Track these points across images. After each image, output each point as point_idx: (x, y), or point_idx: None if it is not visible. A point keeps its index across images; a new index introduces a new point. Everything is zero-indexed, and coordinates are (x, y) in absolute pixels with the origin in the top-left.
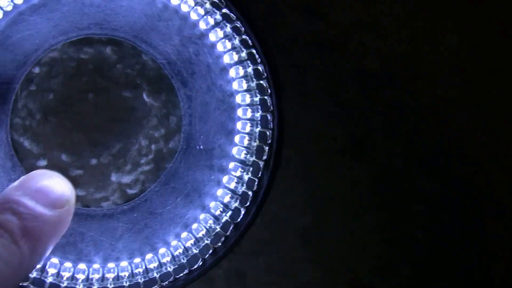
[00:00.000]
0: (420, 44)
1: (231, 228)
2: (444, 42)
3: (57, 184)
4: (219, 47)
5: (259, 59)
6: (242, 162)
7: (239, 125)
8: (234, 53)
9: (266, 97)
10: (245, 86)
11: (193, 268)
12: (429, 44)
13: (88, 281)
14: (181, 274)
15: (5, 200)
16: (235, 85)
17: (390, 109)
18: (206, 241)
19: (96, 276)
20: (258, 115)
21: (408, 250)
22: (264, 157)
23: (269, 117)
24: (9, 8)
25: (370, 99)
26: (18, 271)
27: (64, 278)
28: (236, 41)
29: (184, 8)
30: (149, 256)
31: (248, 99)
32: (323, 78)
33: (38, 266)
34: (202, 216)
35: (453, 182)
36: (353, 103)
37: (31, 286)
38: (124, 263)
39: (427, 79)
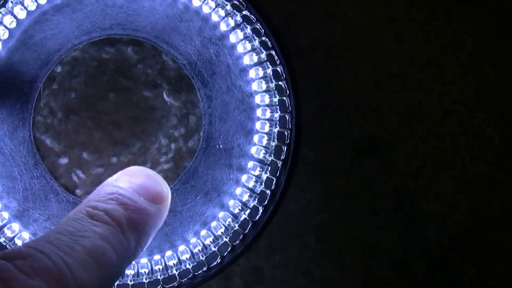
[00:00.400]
0: (437, 47)
1: (249, 226)
2: (460, 45)
3: (156, 181)
4: (239, 48)
5: (278, 61)
6: (261, 162)
7: (258, 125)
8: (254, 54)
9: (284, 98)
10: (264, 87)
11: (211, 266)
12: (445, 47)
13: None
14: (200, 271)
15: (110, 191)
16: (254, 86)
17: (407, 110)
18: (224, 239)
19: None
20: (276, 115)
21: (422, 247)
22: (282, 157)
23: (287, 118)
24: (33, 8)
25: (387, 100)
26: (125, 260)
27: None
28: (256, 43)
29: (205, 9)
30: (168, 253)
31: (267, 100)
32: (341, 80)
33: None
34: (221, 214)
35: (468, 182)
36: (370, 104)
37: None
38: (143, 260)
39: (444, 81)
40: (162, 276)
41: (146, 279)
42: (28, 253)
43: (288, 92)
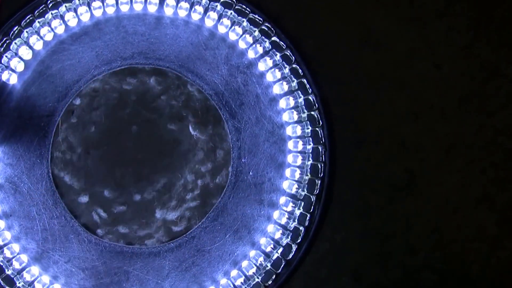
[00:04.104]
0: (478, 74)
1: (282, 265)
2: (503, 72)
3: None
4: (269, 77)
5: (310, 89)
6: (293, 197)
7: (290, 158)
8: (284, 83)
9: (317, 129)
10: (295, 117)
11: None
12: (487, 74)
13: None
14: None
15: None
16: (285, 116)
17: (447, 142)
18: (256, 279)
19: None
20: (309, 147)
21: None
22: (316, 192)
23: (320, 149)
24: (50, 37)
25: (426, 133)
26: None
27: None
28: (286, 70)
29: (232, 36)
30: None
31: (299, 131)
32: (377, 111)
33: None
34: (252, 253)
35: (509, 216)
36: (408, 137)
37: None
38: None
39: (485, 111)
40: None
41: None
42: None
43: (321, 122)
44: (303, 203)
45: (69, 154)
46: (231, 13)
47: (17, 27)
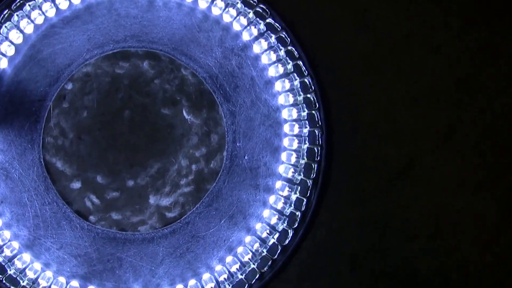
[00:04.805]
0: (477, 57)
1: (278, 251)
2: (502, 55)
3: None
4: (264, 59)
5: (306, 71)
6: (289, 181)
7: (285, 142)
8: (280, 65)
9: (314, 112)
10: (291, 100)
11: None
12: (486, 57)
13: None
14: None
15: None
16: (281, 99)
17: (445, 127)
18: (252, 265)
19: None
20: (305, 130)
21: (463, 276)
22: (313, 176)
23: (317, 133)
24: (40, 21)
25: (424, 117)
26: None
27: None
28: (282, 53)
29: (226, 18)
30: (192, 282)
31: (295, 114)
32: (374, 96)
33: None
34: (247, 238)
35: (511, 203)
36: (406, 122)
37: None
38: None
39: (485, 94)
40: None
41: None
42: None
43: (317, 105)
44: (299, 188)
45: (61, 139)
46: None
47: (7, 10)
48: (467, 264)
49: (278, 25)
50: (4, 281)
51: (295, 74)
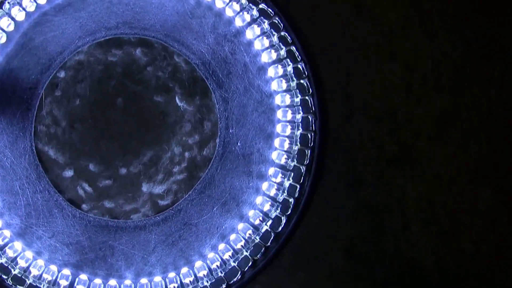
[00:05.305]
0: (473, 44)
1: (271, 238)
2: (499, 42)
3: None
4: (257, 45)
5: (300, 57)
6: (283, 168)
7: (278, 128)
8: (273, 51)
9: (307, 98)
10: (284, 86)
11: (231, 282)
12: (482, 43)
13: None
14: None
15: None
16: (274, 85)
17: (441, 114)
18: (245, 253)
19: None
20: (299, 116)
21: (457, 263)
22: (306, 162)
23: (310, 119)
24: (32, 9)
25: (419, 104)
26: None
27: None
28: (275, 38)
29: (219, 4)
30: (184, 270)
31: (288, 100)
32: (369, 81)
33: (64, 282)
34: (240, 226)
35: (509, 192)
36: (401, 108)
37: None
38: (157, 278)
39: (481, 81)
40: None
41: None
42: None
43: (311, 90)
44: (292, 174)
45: (53, 127)
46: None
47: None
48: (463, 251)
49: (271, 10)
50: None
51: (288, 60)
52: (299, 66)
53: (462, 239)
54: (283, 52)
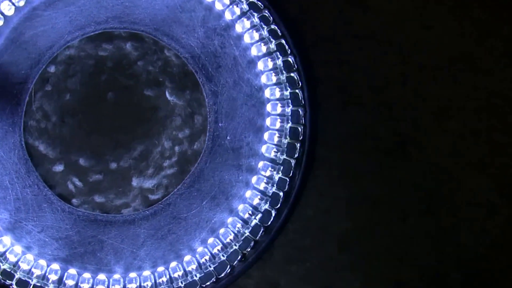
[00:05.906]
0: (472, 35)
1: (261, 232)
2: (497, 32)
3: None
4: (246, 39)
5: (289, 50)
6: (272, 161)
7: (268, 121)
8: (262, 44)
9: (297, 91)
10: (274, 79)
11: (220, 276)
12: (479, 34)
13: None
14: (208, 283)
15: None
16: (263, 79)
17: (438, 105)
18: (234, 247)
19: (117, 287)
20: (288, 110)
21: (457, 256)
22: (296, 155)
23: (300, 112)
24: (22, 3)
25: (416, 95)
26: None
27: None
28: (264, 32)
29: None
30: (173, 264)
31: (277, 93)
32: (365, 73)
33: (54, 277)
34: (229, 219)
35: (508, 183)
36: (398, 99)
37: None
38: (146, 272)
39: (479, 72)
40: None
41: None
42: None
43: (300, 84)
44: (282, 167)
45: (44, 122)
46: None
47: None
48: (461, 243)
49: (260, 3)
50: None
51: (278, 53)
52: (289, 59)
53: (461, 232)
54: (273, 46)
